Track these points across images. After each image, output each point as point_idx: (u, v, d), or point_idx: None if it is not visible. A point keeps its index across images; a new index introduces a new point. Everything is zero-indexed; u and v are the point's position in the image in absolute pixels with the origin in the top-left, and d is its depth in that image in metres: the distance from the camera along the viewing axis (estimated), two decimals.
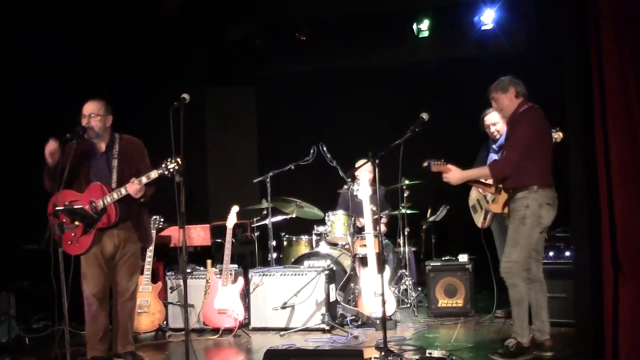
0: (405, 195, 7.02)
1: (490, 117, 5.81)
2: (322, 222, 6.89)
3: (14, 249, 6.08)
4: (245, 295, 6.14)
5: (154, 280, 6.01)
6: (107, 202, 4.62)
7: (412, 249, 7.42)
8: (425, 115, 4.73)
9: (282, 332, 5.81)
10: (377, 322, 5.68)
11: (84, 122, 4.68)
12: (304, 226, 7.29)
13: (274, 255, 6.73)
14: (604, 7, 3.67)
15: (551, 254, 5.47)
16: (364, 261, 6.06)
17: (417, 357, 4.72)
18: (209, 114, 9.52)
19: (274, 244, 6.78)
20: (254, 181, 7.09)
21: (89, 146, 4.76)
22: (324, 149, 6.50)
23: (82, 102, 4.77)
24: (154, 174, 4.56)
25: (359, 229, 6.77)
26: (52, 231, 4.18)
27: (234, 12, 8.40)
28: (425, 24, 8.59)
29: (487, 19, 8.20)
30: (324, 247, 6.74)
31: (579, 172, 4.00)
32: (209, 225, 6.93)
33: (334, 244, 6.84)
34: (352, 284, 6.16)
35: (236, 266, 6.26)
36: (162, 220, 6.14)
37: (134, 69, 7.92)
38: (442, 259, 6.52)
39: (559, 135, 5.16)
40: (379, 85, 9.25)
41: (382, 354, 4.52)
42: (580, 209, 4.02)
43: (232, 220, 6.15)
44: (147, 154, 4.92)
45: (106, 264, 4.78)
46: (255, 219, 7.26)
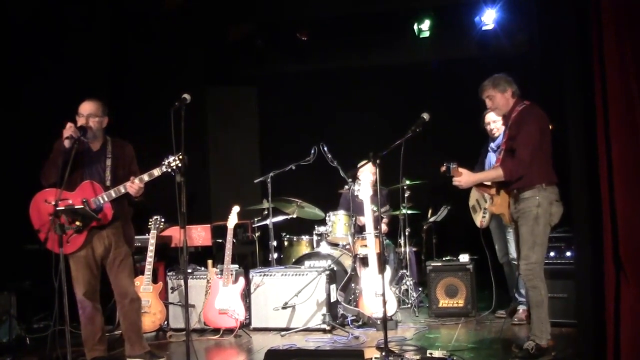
0: (406, 195, 7.02)
1: (491, 115, 5.82)
2: (322, 222, 6.89)
3: (15, 249, 6.07)
4: (246, 295, 6.13)
5: (154, 280, 6.00)
6: (105, 200, 4.60)
7: (413, 249, 7.42)
8: (426, 115, 4.72)
9: (282, 333, 5.81)
10: (378, 322, 5.67)
11: (80, 122, 4.65)
12: (304, 226, 7.29)
13: (275, 255, 6.73)
14: (605, 7, 3.67)
15: (552, 254, 5.46)
16: (364, 261, 6.06)
17: (418, 357, 4.71)
18: (209, 114, 9.51)
19: (274, 244, 6.79)
20: (255, 181, 7.09)
21: (83, 145, 4.71)
22: (325, 149, 6.50)
23: (81, 102, 4.76)
24: (157, 172, 4.54)
25: (360, 228, 6.77)
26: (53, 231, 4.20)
27: (234, 12, 8.40)
28: (426, 24, 8.58)
29: (488, 19, 8.20)
30: (324, 248, 6.73)
31: (581, 172, 3.99)
32: (209, 225, 6.93)
33: (334, 244, 6.83)
34: (353, 284, 6.15)
35: (237, 266, 6.26)
36: (162, 220, 6.13)
37: (134, 69, 7.92)
38: (443, 259, 6.52)
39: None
40: (379, 85, 9.25)
41: (383, 354, 4.51)
42: (581, 209, 4.02)
43: (233, 220, 6.15)
44: (147, 155, 4.92)
45: (97, 266, 4.76)
46: (256, 219, 7.26)
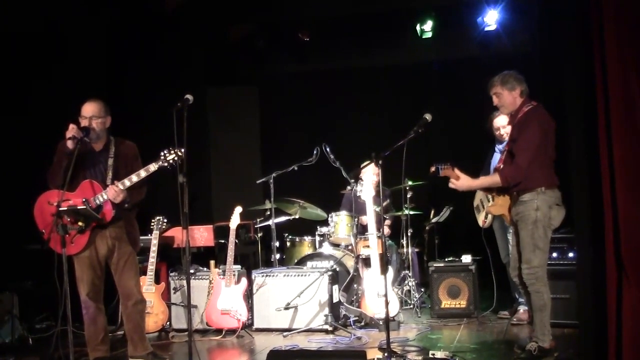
0: (408, 196, 7.01)
1: (499, 119, 5.80)
2: (325, 222, 6.89)
3: (17, 249, 6.08)
4: (248, 296, 6.14)
5: (157, 281, 6.01)
6: (105, 198, 4.60)
7: (416, 250, 7.42)
8: (428, 115, 4.71)
9: (285, 333, 5.81)
10: (380, 323, 5.67)
11: (83, 123, 4.66)
12: (307, 227, 7.29)
13: (277, 256, 6.73)
14: (607, 9, 3.67)
15: (554, 255, 5.46)
16: (367, 262, 6.06)
17: (420, 358, 4.72)
18: (211, 114, 9.52)
19: (277, 244, 6.79)
20: (257, 182, 7.09)
21: (86, 146, 4.71)
22: (327, 149, 6.51)
23: (82, 102, 4.77)
24: (153, 167, 4.51)
25: (362, 228, 6.77)
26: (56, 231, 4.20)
27: (235, 12, 8.40)
28: (428, 25, 8.58)
29: (490, 19, 8.19)
30: (327, 248, 6.74)
31: (582, 173, 3.99)
32: (212, 225, 6.93)
33: (337, 245, 6.84)
34: (355, 285, 6.15)
35: (239, 267, 6.26)
36: (165, 220, 6.14)
37: (135, 70, 7.93)
38: (446, 259, 6.51)
39: None
40: (381, 85, 9.24)
41: (385, 354, 4.51)
42: (583, 210, 4.01)
43: (235, 221, 6.16)
44: (148, 155, 4.91)
45: (101, 267, 4.76)
46: (258, 220, 7.27)
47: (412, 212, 7.06)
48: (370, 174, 6.45)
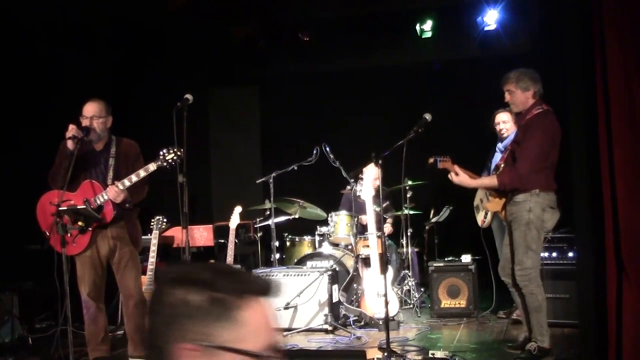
0: (408, 195, 7.02)
1: (501, 115, 5.83)
2: (325, 222, 6.89)
3: (17, 249, 6.08)
4: None
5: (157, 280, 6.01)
6: (105, 198, 4.61)
7: (415, 250, 7.42)
8: (428, 115, 4.71)
9: (285, 333, 5.80)
10: (380, 322, 5.67)
11: (85, 123, 4.64)
12: (306, 227, 7.29)
13: (277, 255, 6.73)
14: (607, 10, 3.67)
15: (554, 254, 5.47)
16: (366, 262, 6.06)
17: (420, 357, 4.72)
18: (212, 114, 9.53)
19: (276, 244, 6.79)
20: (257, 182, 7.09)
21: (87, 146, 4.71)
22: (327, 149, 6.51)
23: (84, 103, 4.77)
24: (152, 166, 4.51)
25: (362, 228, 6.77)
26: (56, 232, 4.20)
27: (237, 13, 8.40)
28: (428, 25, 8.58)
29: (491, 19, 8.19)
30: (326, 248, 6.73)
31: (583, 173, 4.00)
32: (212, 225, 6.93)
33: (336, 245, 6.84)
34: (355, 285, 6.15)
35: (239, 266, 6.26)
36: (165, 220, 6.13)
37: (138, 71, 7.93)
38: (445, 259, 6.51)
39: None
40: (382, 85, 9.24)
41: (385, 354, 4.52)
42: (583, 210, 4.02)
43: (235, 220, 6.16)
44: (150, 155, 4.91)
45: (103, 267, 4.75)
46: (258, 220, 7.27)
47: (411, 212, 7.06)
48: (370, 173, 6.45)
